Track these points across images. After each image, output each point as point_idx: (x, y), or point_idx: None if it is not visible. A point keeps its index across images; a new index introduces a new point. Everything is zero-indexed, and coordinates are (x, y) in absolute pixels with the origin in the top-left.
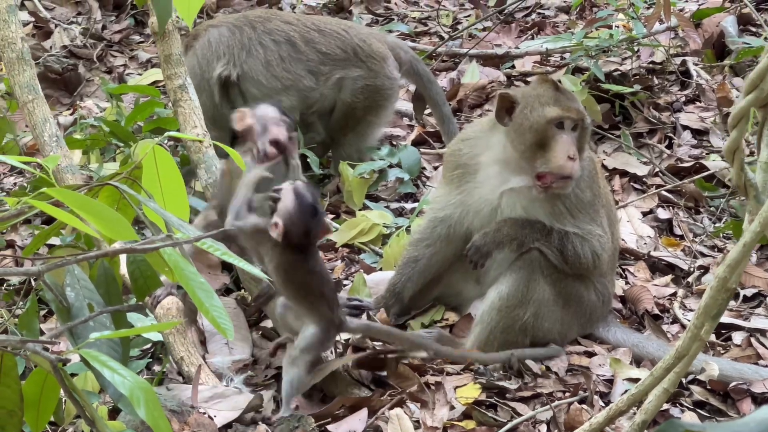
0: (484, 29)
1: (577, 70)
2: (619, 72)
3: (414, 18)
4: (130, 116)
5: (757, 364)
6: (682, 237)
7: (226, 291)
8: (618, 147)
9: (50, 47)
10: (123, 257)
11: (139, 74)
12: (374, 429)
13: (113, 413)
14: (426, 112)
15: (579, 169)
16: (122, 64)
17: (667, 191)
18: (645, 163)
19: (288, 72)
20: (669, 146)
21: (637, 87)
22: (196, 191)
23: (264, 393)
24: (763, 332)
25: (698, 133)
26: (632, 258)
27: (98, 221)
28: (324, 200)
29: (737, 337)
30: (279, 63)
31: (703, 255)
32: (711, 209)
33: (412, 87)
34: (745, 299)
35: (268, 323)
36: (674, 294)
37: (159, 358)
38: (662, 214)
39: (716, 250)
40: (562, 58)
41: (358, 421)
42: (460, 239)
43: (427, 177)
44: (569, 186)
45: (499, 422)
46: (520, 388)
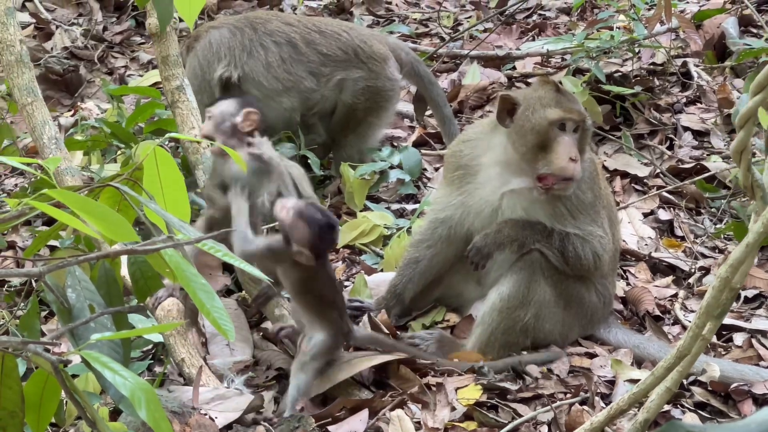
0: (485, 30)
1: (578, 72)
2: (620, 73)
3: (415, 19)
4: (131, 117)
5: (758, 366)
6: (683, 238)
7: (227, 292)
8: (619, 148)
9: (51, 48)
10: (124, 258)
11: (140, 75)
12: (375, 430)
13: (114, 414)
14: (427, 114)
15: (580, 171)
16: (123, 66)
17: (668, 192)
18: (646, 165)
19: (289, 73)
20: (670, 147)
21: (638, 88)
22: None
23: (265, 394)
24: (764, 333)
25: (699, 135)
26: (633, 259)
27: (99, 222)
28: (325, 201)
29: (738, 339)
30: (280, 64)
31: (704, 256)
32: (712, 210)
33: (413, 88)
34: (746, 300)
35: (269, 324)
36: (675, 295)
37: (160, 360)
38: (663, 216)
39: (717, 252)
40: (563, 60)
41: (359, 422)
42: (461, 240)
43: (428, 178)
44: (571, 188)
45: (500, 423)
46: (521, 389)
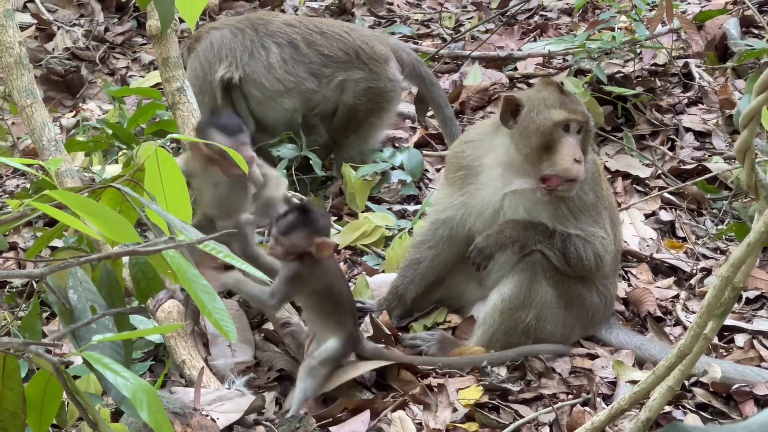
0: (487, 31)
1: (580, 72)
2: (622, 74)
3: (416, 20)
4: (133, 118)
5: (760, 367)
6: (685, 239)
7: (229, 293)
8: (620, 149)
9: (53, 49)
10: (125, 260)
11: (142, 76)
12: (376, 431)
13: (116, 415)
14: (428, 114)
15: (584, 172)
16: (125, 66)
17: (670, 193)
18: (647, 165)
19: (290, 74)
20: (671, 148)
21: (640, 89)
22: None
23: (266, 395)
24: (766, 334)
25: (701, 135)
26: (635, 260)
27: (101, 223)
28: (326, 202)
29: (740, 340)
30: (281, 65)
31: (706, 257)
32: (713, 211)
33: (415, 89)
34: (748, 301)
35: (270, 325)
36: (677, 296)
37: (161, 361)
38: (665, 216)
39: (719, 252)
40: (565, 60)
41: (361, 423)
42: (463, 241)
43: (430, 179)
44: (574, 189)
45: (502, 424)
46: (523, 390)
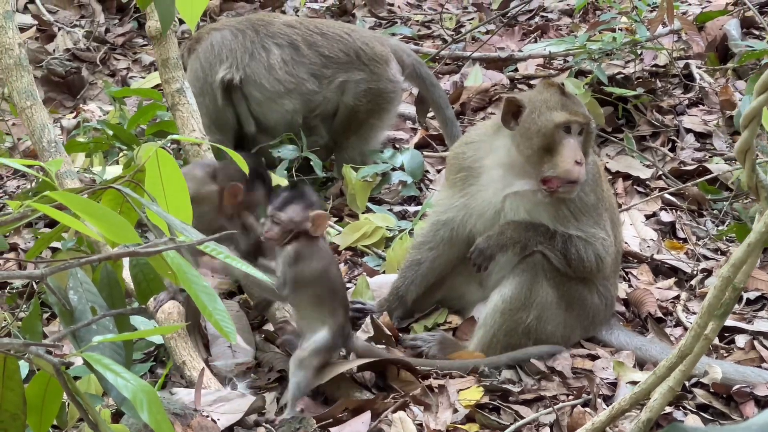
0: (487, 32)
1: (581, 73)
2: (622, 75)
3: (417, 21)
4: (133, 119)
5: (760, 367)
6: (685, 240)
7: (229, 294)
8: (621, 150)
9: (53, 50)
10: (126, 261)
11: (142, 77)
12: None
13: (116, 416)
14: (429, 115)
15: (585, 174)
16: (125, 67)
17: (670, 194)
18: (648, 166)
19: (291, 75)
20: (672, 149)
21: (640, 90)
22: None
23: (267, 396)
24: (767, 335)
25: (701, 136)
26: (635, 261)
27: (101, 224)
28: (327, 203)
29: (740, 340)
30: (282, 66)
31: (706, 258)
32: (714, 212)
33: (415, 90)
34: (749, 302)
35: (271, 326)
36: (677, 297)
37: (162, 362)
38: (665, 217)
39: (719, 253)
40: (566, 61)
41: (361, 424)
42: (463, 242)
43: (430, 180)
44: (575, 190)
45: (502, 425)
46: (523, 391)
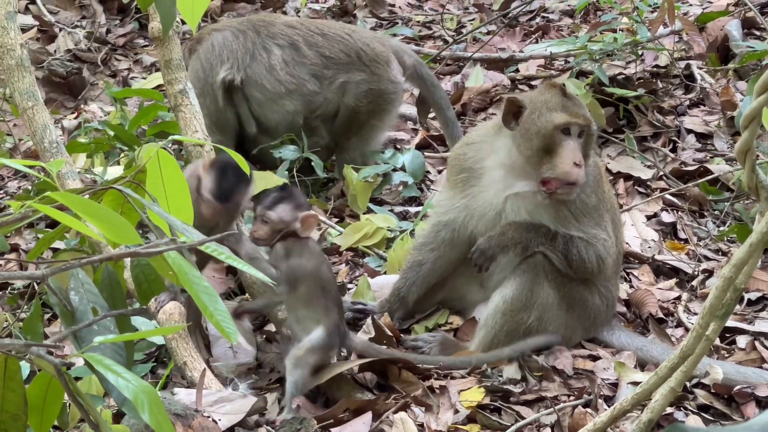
0: (488, 33)
1: (581, 74)
2: (623, 76)
3: (418, 22)
4: (134, 120)
5: (762, 368)
6: (687, 241)
7: (230, 295)
8: (622, 151)
9: (54, 51)
10: (127, 261)
11: (144, 78)
12: None
13: (117, 417)
14: (430, 116)
15: (584, 176)
16: (126, 68)
17: (672, 195)
18: (649, 167)
19: (292, 76)
20: (673, 150)
21: (641, 91)
22: None
23: (268, 396)
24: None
25: (702, 137)
26: (636, 262)
27: (102, 225)
28: (328, 204)
29: (741, 341)
30: (283, 67)
31: (708, 258)
32: (715, 213)
33: (417, 91)
34: (750, 303)
35: (272, 327)
36: (678, 297)
37: (163, 362)
38: (666, 218)
39: (720, 254)
40: (567, 62)
41: (362, 425)
42: (465, 243)
43: (432, 181)
44: (574, 192)
45: (504, 426)
46: (525, 392)
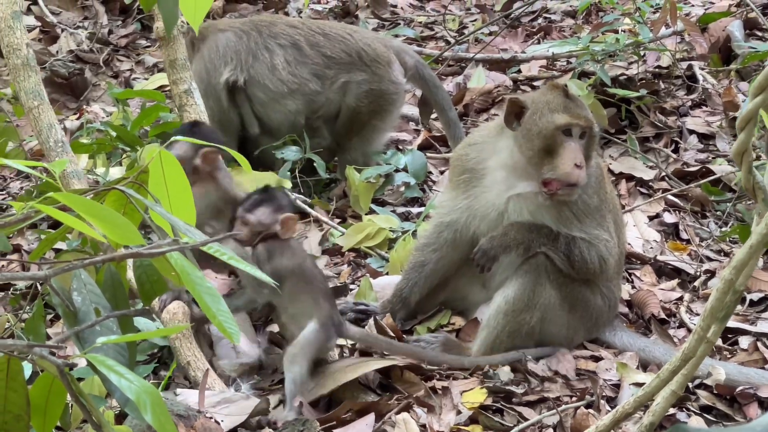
0: (491, 34)
1: (584, 75)
2: (626, 76)
3: (420, 22)
4: (137, 121)
5: (764, 369)
6: (689, 241)
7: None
8: (624, 151)
9: (57, 52)
10: (130, 262)
11: (146, 79)
12: None
13: (120, 418)
14: (432, 117)
15: (585, 177)
16: (128, 69)
17: (674, 195)
18: (651, 168)
19: (294, 76)
20: (675, 150)
21: (644, 91)
22: None
23: (271, 398)
24: None
25: (704, 138)
26: (638, 262)
27: (105, 226)
28: (330, 205)
29: (744, 342)
30: (285, 67)
31: (710, 259)
32: (717, 213)
33: (419, 92)
34: (752, 303)
35: (275, 327)
36: (681, 298)
37: (166, 363)
38: (668, 219)
39: (723, 255)
40: (569, 63)
41: (365, 426)
42: (467, 244)
43: (434, 181)
44: (575, 193)
45: (506, 427)
46: (527, 393)
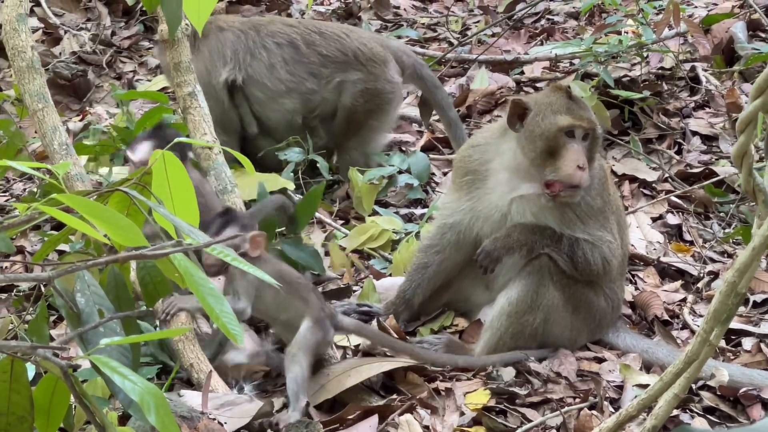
0: (493, 35)
1: (587, 76)
2: (629, 78)
3: (423, 24)
4: (140, 122)
5: (767, 370)
6: (692, 243)
7: None
8: (627, 153)
9: (60, 53)
10: (133, 263)
11: (149, 80)
12: None
13: (123, 419)
14: (435, 118)
15: (588, 179)
16: (131, 70)
17: (677, 197)
18: (654, 169)
19: (291, 74)
20: (678, 152)
21: (647, 93)
22: None
23: (274, 400)
24: None
25: (707, 139)
26: (642, 264)
27: (108, 227)
28: (333, 206)
29: (747, 343)
30: (282, 65)
31: (713, 260)
32: (720, 215)
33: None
34: (755, 305)
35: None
36: (684, 300)
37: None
38: (672, 220)
39: (726, 256)
40: (572, 64)
41: (368, 428)
42: (470, 245)
43: (437, 183)
44: (577, 195)
45: (509, 428)
46: (530, 394)
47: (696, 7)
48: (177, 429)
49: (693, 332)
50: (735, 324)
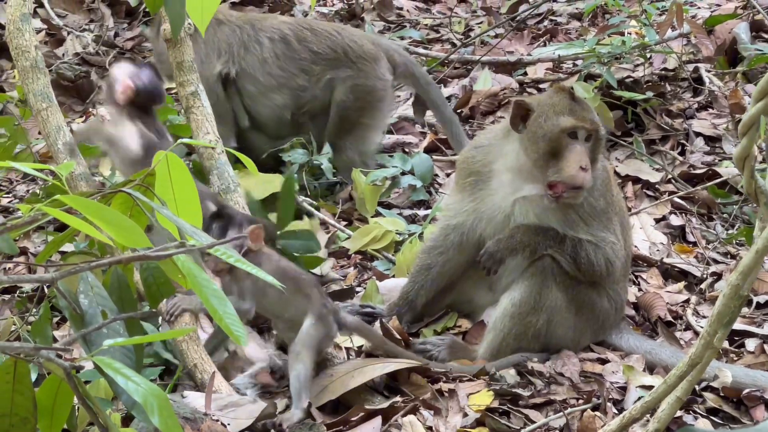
0: (497, 36)
1: (590, 77)
2: (632, 79)
3: (426, 25)
4: None
5: None
6: (695, 244)
7: None
8: (630, 154)
9: (63, 54)
10: (136, 264)
11: None
12: None
13: (126, 420)
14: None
15: (591, 180)
16: None
17: (680, 198)
18: (657, 170)
19: (282, 70)
20: (681, 153)
21: (650, 94)
22: None
23: (278, 402)
24: None
25: (711, 140)
26: (645, 265)
27: (111, 228)
28: (336, 207)
29: (750, 344)
30: (274, 60)
31: (716, 262)
32: (724, 216)
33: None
34: (758, 306)
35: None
36: (687, 301)
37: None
38: (675, 221)
39: (729, 257)
40: (575, 65)
41: (372, 429)
42: (473, 247)
43: (440, 184)
44: (580, 196)
45: (513, 429)
46: (533, 395)
47: (699, 8)
48: (180, 430)
49: (696, 333)
50: (738, 325)
